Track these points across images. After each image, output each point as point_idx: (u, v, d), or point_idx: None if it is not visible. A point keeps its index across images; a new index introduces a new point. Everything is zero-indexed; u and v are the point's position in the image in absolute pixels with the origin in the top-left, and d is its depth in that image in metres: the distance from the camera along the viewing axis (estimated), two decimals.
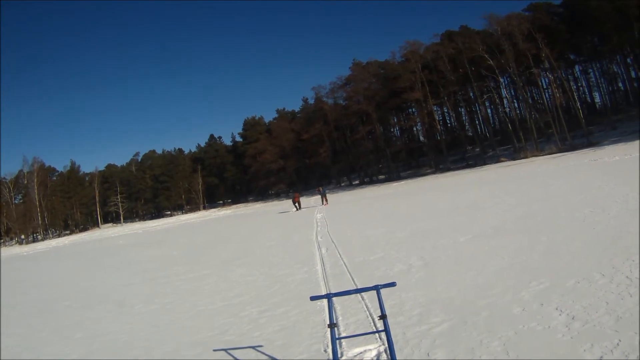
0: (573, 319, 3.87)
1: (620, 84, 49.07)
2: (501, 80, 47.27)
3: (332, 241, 11.11)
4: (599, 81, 51.50)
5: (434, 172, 46.33)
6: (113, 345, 5.72)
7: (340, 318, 5.08)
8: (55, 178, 69.75)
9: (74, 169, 73.29)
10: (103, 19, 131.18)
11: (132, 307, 7.74)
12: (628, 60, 44.85)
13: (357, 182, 56.43)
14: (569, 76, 49.67)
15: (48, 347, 6.03)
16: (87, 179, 73.08)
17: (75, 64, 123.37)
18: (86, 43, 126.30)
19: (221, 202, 73.25)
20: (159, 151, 79.52)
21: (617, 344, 3.28)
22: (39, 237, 60.97)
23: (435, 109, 51.98)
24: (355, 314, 5.18)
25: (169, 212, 71.90)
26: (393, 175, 51.84)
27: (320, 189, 31.18)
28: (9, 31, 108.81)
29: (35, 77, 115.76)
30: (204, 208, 69.05)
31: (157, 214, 73.08)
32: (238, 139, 73.51)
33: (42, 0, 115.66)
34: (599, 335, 3.48)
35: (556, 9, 45.24)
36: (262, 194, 67.32)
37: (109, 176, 72.65)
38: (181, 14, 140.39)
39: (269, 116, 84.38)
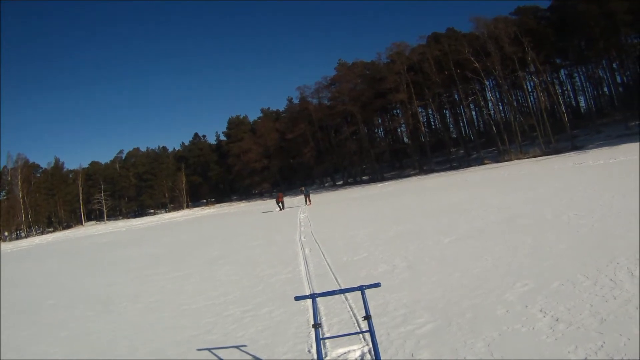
0: (557, 320, 3.87)
1: (605, 89, 49.89)
2: (486, 83, 47.92)
3: (316, 241, 11.06)
4: (584, 85, 52.42)
5: (417, 174, 46.60)
6: (97, 344, 5.68)
7: (324, 318, 5.06)
8: (39, 175, 68.64)
9: (58, 166, 72.23)
10: (87, 16, 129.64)
11: (116, 306, 7.68)
12: (614, 65, 45.63)
13: (340, 182, 56.57)
14: (555, 80, 50.36)
15: (32, 346, 5.95)
16: (70, 176, 72.05)
17: (60, 62, 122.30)
18: (71, 40, 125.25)
19: (205, 201, 72.81)
20: (143, 149, 79.08)
21: (602, 346, 3.28)
22: (22, 234, 60.10)
23: (419, 110, 52.44)
24: (339, 314, 5.16)
25: (152, 211, 71.41)
26: (377, 176, 52.03)
27: (304, 189, 31.14)
28: None
29: (21, 73, 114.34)
30: (188, 207, 68.58)
31: (141, 212, 72.48)
32: (222, 137, 73.28)
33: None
34: (583, 337, 3.48)
35: (543, 13, 45.90)
36: (246, 193, 67.22)
37: (92, 174, 71.75)
38: (167, 12, 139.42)
39: (253, 115, 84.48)
